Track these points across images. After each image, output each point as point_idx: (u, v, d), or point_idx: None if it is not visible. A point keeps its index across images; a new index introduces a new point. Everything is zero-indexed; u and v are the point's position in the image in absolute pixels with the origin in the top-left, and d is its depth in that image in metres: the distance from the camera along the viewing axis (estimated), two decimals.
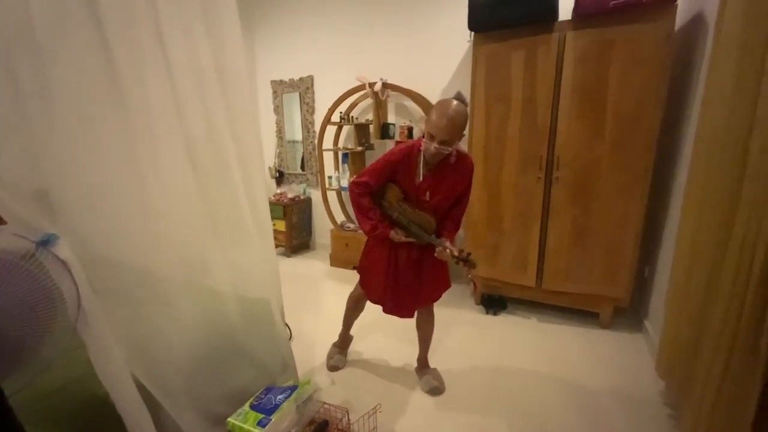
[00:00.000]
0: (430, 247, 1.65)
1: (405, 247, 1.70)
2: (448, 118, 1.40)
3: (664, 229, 2.20)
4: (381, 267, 1.75)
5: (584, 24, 2.12)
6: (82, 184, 1.08)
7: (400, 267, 1.74)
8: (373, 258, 1.80)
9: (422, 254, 1.72)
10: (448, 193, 1.60)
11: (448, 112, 1.41)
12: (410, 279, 1.74)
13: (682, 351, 1.57)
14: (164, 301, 1.26)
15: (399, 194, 1.66)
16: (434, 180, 1.58)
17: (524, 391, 1.90)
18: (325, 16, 3.56)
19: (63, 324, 0.92)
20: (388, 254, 1.73)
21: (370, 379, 2.02)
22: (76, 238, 1.01)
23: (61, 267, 0.91)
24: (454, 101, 1.44)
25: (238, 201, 1.47)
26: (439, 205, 1.63)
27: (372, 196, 1.69)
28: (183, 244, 1.33)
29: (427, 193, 1.59)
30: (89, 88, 1.09)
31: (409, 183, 1.61)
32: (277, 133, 4.20)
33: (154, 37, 1.20)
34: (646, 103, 2.06)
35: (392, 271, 1.74)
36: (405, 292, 1.76)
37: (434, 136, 1.44)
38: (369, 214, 1.64)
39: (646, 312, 2.37)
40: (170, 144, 1.25)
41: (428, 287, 1.77)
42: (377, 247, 1.77)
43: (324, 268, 3.72)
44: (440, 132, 1.42)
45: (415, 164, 1.57)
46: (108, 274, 1.09)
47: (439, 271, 1.78)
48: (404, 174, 1.61)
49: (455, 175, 1.58)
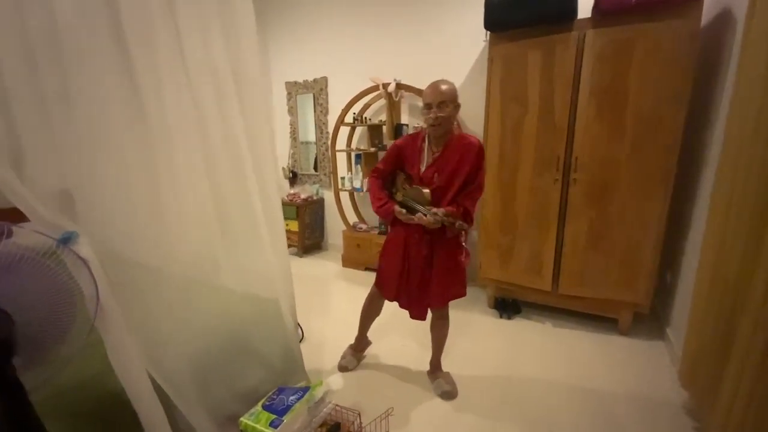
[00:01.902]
0: (440, 245, 1.69)
1: (415, 244, 1.72)
2: (434, 86, 1.56)
3: (689, 234, 2.13)
4: (395, 264, 1.78)
5: (605, 22, 2.06)
6: (101, 185, 1.10)
7: (411, 264, 1.75)
8: (388, 255, 1.83)
9: (432, 251, 1.71)
10: (453, 173, 1.63)
11: (435, 82, 1.57)
12: (420, 277, 1.74)
13: (706, 361, 1.51)
14: (177, 300, 1.27)
15: (403, 178, 1.76)
16: (440, 162, 1.64)
17: (538, 398, 1.86)
18: (338, 17, 3.58)
19: (82, 321, 0.94)
20: (402, 252, 1.76)
21: (383, 381, 2.01)
22: (96, 238, 1.03)
23: (81, 264, 0.92)
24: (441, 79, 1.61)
25: (251, 203, 1.49)
26: (446, 185, 1.64)
27: (386, 184, 1.82)
28: (196, 244, 1.34)
29: (435, 175, 1.65)
30: (109, 93, 1.11)
31: (415, 168, 1.70)
32: (291, 134, 4.24)
33: (172, 42, 1.22)
34: (668, 103, 1.99)
35: (405, 268, 1.77)
36: (416, 291, 1.76)
37: (430, 103, 1.56)
38: (379, 194, 1.77)
39: (668, 319, 2.30)
40: (186, 146, 1.27)
41: (438, 287, 1.74)
42: (392, 244, 1.81)
43: (336, 268, 3.73)
44: (434, 95, 1.55)
45: (420, 149, 1.68)
46: (125, 273, 1.11)
47: (450, 272, 1.74)
48: (410, 159, 1.71)
49: (459, 155, 1.62)
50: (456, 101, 1.59)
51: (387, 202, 1.75)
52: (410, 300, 1.80)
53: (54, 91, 1.02)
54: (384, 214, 1.76)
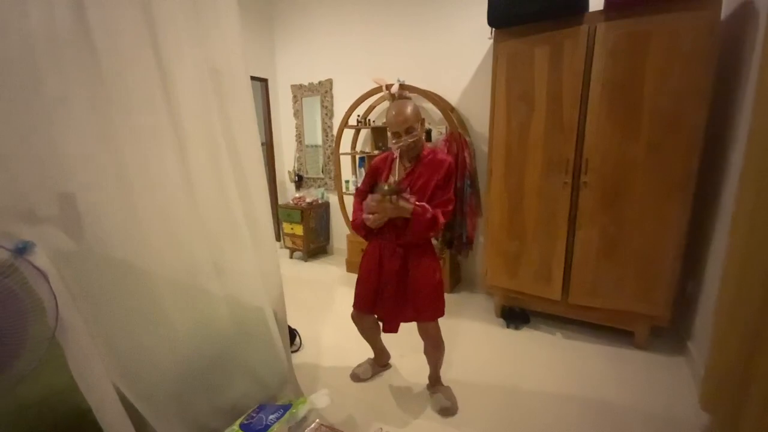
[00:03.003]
0: (414, 259, 1.69)
1: (388, 256, 1.72)
2: (397, 113, 1.59)
3: (712, 240, 1.96)
4: (370, 277, 1.78)
5: (617, 14, 1.93)
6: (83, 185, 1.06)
7: (384, 278, 1.74)
8: (364, 268, 1.84)
9: (405, 265, 1.70)
10: (424, 187, 1.66)
11: (395, 110, 1.60)
12: (394, 290, 1.71)
13: (730, 382, 1.36)
14: (152, 307, 1.21)
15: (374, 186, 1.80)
16: (412, 176, 1.68)
17: (545, 416, 1.73)
18: (343, 18, 3.52)
19: (39, 336, 0.89)
20: (376, 264, 1.75)
21: (378, 395, 1.91)
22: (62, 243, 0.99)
23: (38, 276, 0.87)
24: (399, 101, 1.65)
25: (229, 203, 1.41)
26: (420, 198, 1.66)
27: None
28: (173, 247, 1.28)
29: (408, 188, 1.67)
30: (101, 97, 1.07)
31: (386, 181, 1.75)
32: (297, 137, 4.20)
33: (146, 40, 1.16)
34: (687, 101, 1.84)
35: (380, 281, 1.76)
36: (390, 304, 1.73)
37: (397, 132, 1.60)
38: (355, 211, 1.82)
39: (690, 333, 2.12)
40: (158, 143, 1.21)
41: (411, 305, 1.70)
42: (367, 257, 1.82)
43: (340, 273, 3.66)
44: (397, 125, 1.58)
45: (391, 166, 1.73)
46: (93, 281, 1.06)
47: (424, 290, 1.69)
48: (383, 175, 1.76)
49: (430, 171, 1.66)
50: (420, 120, 1.63)
51: (358, 216, 1.77)
52: (384, 313, 1.77)
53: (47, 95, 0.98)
54: (356, 228, 1.80)
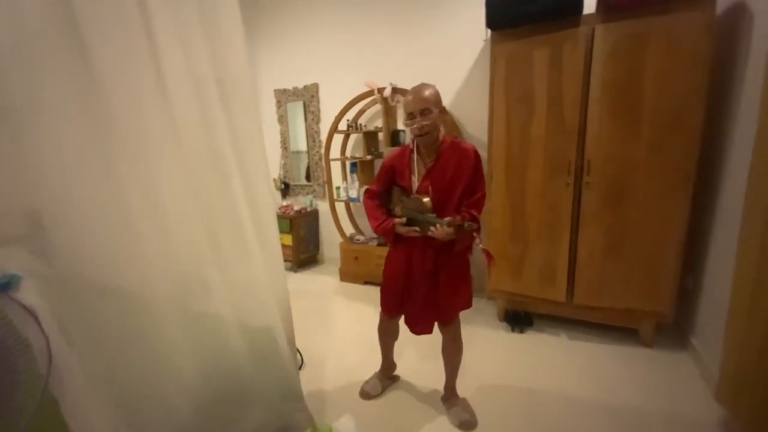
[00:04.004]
0: (446, 258, 1.58)
1: (419, 258, 1.61)
2: (414, 92, 1.45)
3: (711, 236, 2.00)
4: (398, 280, 1.68)
5: (615, 16, 1.94)
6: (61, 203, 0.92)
7: (415, 281, 1.64)
8: (390, 270, 1.72)
9: (437, 265, 1.59)
10: (450, 184, 1.51)
11: (414, 89, 1.47)
12: (425, 293, 1.62)
13: (752, 378, 1.36)
14: (156, 336, 1.08)
15: (399, 192, 1.66)
16: (434, 173, 1.53)
17: (564, 420, 1.69)
18: (329, 20, 3.43)
19: (30, 386, 0.74)
20: (405, 267, 1.65)
21: (393, 412, 1.81)
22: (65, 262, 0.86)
23: (27, 315, 0.73)
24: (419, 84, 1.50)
25: (240, 219, 1.32)
26: (445, 197, 1.52)
27: (383, 202, 1.72)
28: (176, 266, 1.17)
29: (430, 189, 1.53)
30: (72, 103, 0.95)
31: (407, 183, 1.60)
32: (282, 143, 4.06)
33: (145, 44, 1.07)
34: (686, 100, 1.87)
35: (408, 285, 1.66)
36: (421, 307, 1.64)
37: (412, 111, 1.45)
38: (376, 213, 1.67)
39: (693, 328, 2.16)
40: (163, 157, 1.10)
41: (445, 302, 1.62)
42: (394, 259, 1.70)
43: (333, 283, 3.54)
44: (415, 104, 1.44)
45: (408, 163, 1.58)
46: (86, 313, 0.92)
47: (457, 287, 1.62)
48: (401, 174, 1.62)
49: (454, 164, 1.51)
50: (440, 105, 1.48)
51: (385, 219, 1.63)
52: (414, 316, 1.69)
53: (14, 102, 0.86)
54: (384, 233, 1.64)
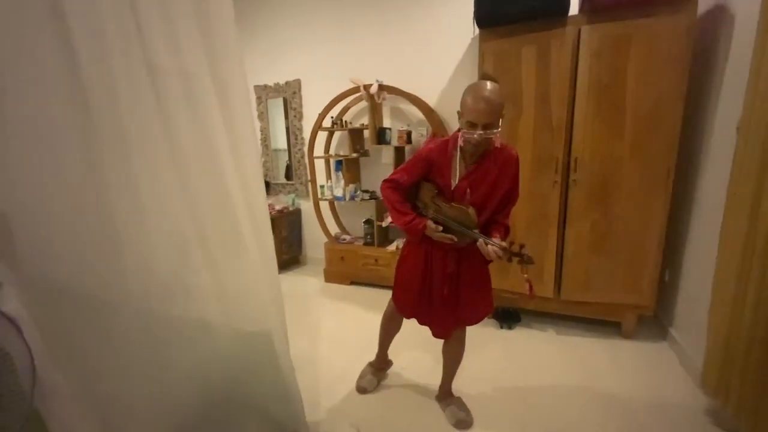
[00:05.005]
0: (468, 260, 1.50)
1: (440, 260, 1.52)
2: (485, 100, 1.27)
3: (688, 231, 2.09)
4: (415, 281, 1.59)
5: (599, 17, 2.00)
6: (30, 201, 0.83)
7: (434, 282, 1.56)
8: (406, 270, 1.64)
9: (459, 267, 1.52)
10: (490, 190, 1.42)
11: (484, 94, 1.27)
12: (445, 295, 1.54)
13: (739, 366, 1.43)
14: (139, 345, 1.00)
15: (433, 191, 1.50)
16: (475, 176, 1.42)
17: (558, 414, 1.72)
18: (312, 15, 3.35)
19: (12, 402, 0.66)
20: (423, 267, 1.56)
21: (388, 412, 1.78)
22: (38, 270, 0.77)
23: (8, 325, 0.65)
24: (486, 82, 1.31)
25: (235, 221, 1.25)
26: (483, 203, 1.43)
27: (408, 197, 1.57)
28: (162, 270, 1.09)
29: (468, 191, 1.42)
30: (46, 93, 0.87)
31: (445, 181, 1.46)
32: (263, 141, 3.93)
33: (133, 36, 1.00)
34: (666, 100, 1.95)
35: (427, 285, 1.58)
36: (440, 309, 1.57)
37: (475, 122, 1.29)
38: (402, 208, 1.52)
39: (671, 319, 2.25)
40: (148, 153, 1.02)
41: (467, 307, 1.56)
42: (411, 259, 1.61)
43: (318, 284, 3.46)
44: (481, 116, 1.27)
45: (450, 161, 1.44)
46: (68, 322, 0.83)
47: (479, 290, 1.57)
48: (439, 172, 1.47)
49: (498, 169, 1.41)
50: (503, 114, 1.32)
51: (415, 217, 1.49)
52: (432, 318, 1.62)
53: None
54: (413, 232, 1.49)
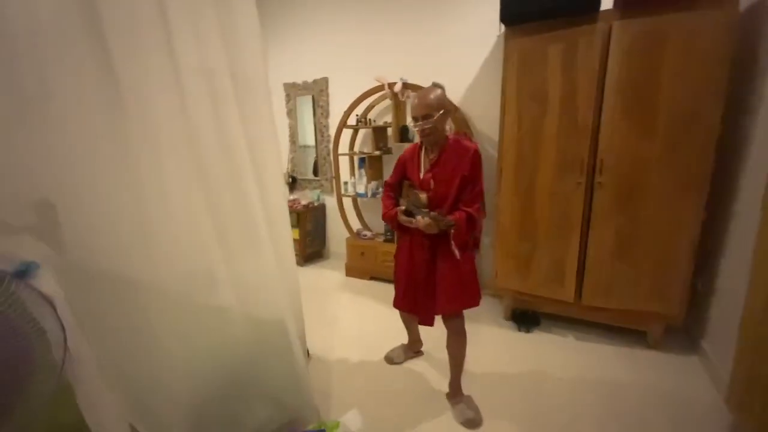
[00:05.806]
0: (443, 250, 1.69)
1: (418, 249, 1.75)
2: (419, 97, 1.61)
3: (725, 238, 1.97)
4: (402, 270, 1.83)
5: (633, 13, 1.90)
6: (73, 193, 0.93)
7: (416, 270, 1.76)
8: (397, 263, 1.87)
9: (434, 255, 1.71)
10: (450, 179, 1.65)
11: (420, 93, 1.63)
12: (424, 282, 1.74)
13: (764, 384, 1.34)
14: (164, 328, 1.09)
15: (408, 187, 1.81)
16: (437, 168, 1.68)
17: (571, 422, 1.68)
18: (339, 14, 3.41)
19: (45, 374, 0.75)
20: (408, 257, 1.79)
21: (398, 408, 1.81)
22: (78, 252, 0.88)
23: (43, 303, 0.73)
24: (429, 86, 1.65)
25: (252, 212, 1.32)
26: (445, 191, 1.67)
27: (397, 195, 1.89)
28: (185, 258, 1.17)
29: (432, 183, 1.69)
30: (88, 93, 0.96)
31: (416, 176, 1.76)
32: (290, 137, 4.06)
33: (160, 39, 1.08)
34: (704, 100, 1.83)
35: (412, 274, 1.78)
36: (422, 296, 1.76)
37: (415, 116, 1.62)
38: (385, 203, 1.87)
39: (702, 331, 2.13)
40: (174, 150, 1.10)
41: (442, 296, 1.69)
42: (400, 251, 1.86)
43: (339, 278, 3.54)
44: (415, 109, 1.61)
45: (418, 159, 1.75)
46: (97, 303, 0.93)
47: (455, 280, 1.67)
48: (411, 169, 1.78)
49: (455, 161, 1.65)
50: (442, 108, 1.60)
51: (391, 208, 1.82)
52: (417, 305, 1.80)
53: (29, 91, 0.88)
54: (387, 219, 1.84)
